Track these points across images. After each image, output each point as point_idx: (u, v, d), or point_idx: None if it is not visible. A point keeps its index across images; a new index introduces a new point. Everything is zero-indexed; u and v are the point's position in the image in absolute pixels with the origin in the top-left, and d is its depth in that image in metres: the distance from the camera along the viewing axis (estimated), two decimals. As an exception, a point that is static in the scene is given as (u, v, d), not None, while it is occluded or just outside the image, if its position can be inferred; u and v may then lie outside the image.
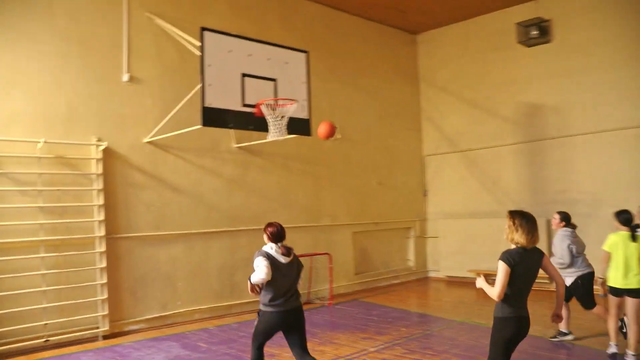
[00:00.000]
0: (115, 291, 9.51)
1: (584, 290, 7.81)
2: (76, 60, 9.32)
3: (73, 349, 8.76)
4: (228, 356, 8.33)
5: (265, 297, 5.75)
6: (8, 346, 8.37)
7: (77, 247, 9.09)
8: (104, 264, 9.27)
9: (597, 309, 7.84)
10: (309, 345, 6.35)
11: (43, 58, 8.98)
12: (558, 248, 7.86)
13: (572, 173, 12.85)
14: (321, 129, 9.25)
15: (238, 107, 8.91)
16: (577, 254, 7.82)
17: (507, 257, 4.71)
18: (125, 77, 9.82)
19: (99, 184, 9.30)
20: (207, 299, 10.72)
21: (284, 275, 5.77)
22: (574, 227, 8.04)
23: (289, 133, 9.12)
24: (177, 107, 9.57)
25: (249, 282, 5.59)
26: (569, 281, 7.82)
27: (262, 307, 5.85)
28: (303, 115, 9.76)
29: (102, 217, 9.26)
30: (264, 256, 5.67)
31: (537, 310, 10.82)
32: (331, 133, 9.06)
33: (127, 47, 9.88)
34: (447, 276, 14.98)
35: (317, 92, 11.38)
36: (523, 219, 4.77)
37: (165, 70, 10.36)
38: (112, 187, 9.54)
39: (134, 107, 9.95)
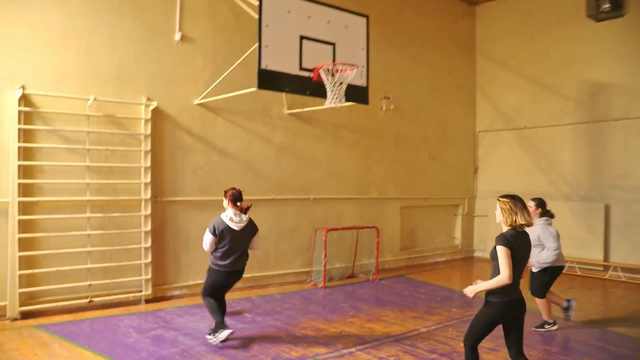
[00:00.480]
0: (159, 255, 9.17)
1: (546, 281, 7.59)
2: (129, 17, 8.87)
3: (116, 311, 8.48)
4: (274, 328, 7.94)
5: (215, 257, 6.89)
6: (54, 304, 8.13)
7: (122, 208, 8.76)
8: (148, 227, 8.92)
9: (542, 301, 7.67)
10: (357, 321, 7.55)
11: (96, 15, 8.54)
12: (547, 241, 7.42)
13: (635, 158, 11.96)
14: None
15: (295, 71, 8.35)
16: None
17: (504, 240, 4.75)
18: (177, 36, 9.34)
19: (146, 145, 8.90)
20: (250, 268, 10.25)
21: (235, 240, 6.89)
22: (551, 216, 7.66)
23: (347, 100, 8.54)
24: (230, 69, 9.06)
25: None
26: (535, 269, 7.58)
27: (211, 265, 6.96)
28: (361, 82, 9.16)
29: (148, 179, 8.89)
30: (212, 230, 6.82)
31: (592, 298, 10.25)
32: None
33: (180, 5, 9.37)
34: (494, 257, 14.34)
35: (372, 60, 10.71)
36: (518, 202, 4.91)
37: (218, 30, 9.84)
38: (160, 148, 9.13)
39: (185, 67, 9.47)
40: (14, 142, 7.80)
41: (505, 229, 4.94)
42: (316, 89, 8.53)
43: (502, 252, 4.70)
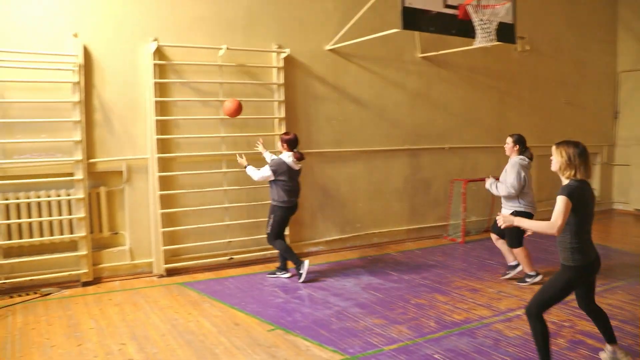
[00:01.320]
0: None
1: (517, 229, 6.54)
2: (256, -41, 8.09)
3: (256, 268, 8.00)
4: (425, 287, 7.18)
5: (279, 195, 7.10)
6: (195, 261, 7.72)
7: (257, 162, 8.15)
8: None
9: (519, 250, 6.97)
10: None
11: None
12: (509, 175, 6.81)
13: None
14: (228, 105, 7.14)
15: (439, 8, 7.36)
16: (527, 188, 6.86)
17: (569, 192, 4.13)
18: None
19: (280, 95, 8.21)
20: (385, 222, 9.57)
21: (294, 179, 7.16)
22: (531, 156, 7.01)
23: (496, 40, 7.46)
24: (362, 11, 8.11)
25: (248, 167, 7.20)
26: (505, 212, 6.86)
27: (276, 204, 7.14)
28: (507, 19, 8.01)
29: (282, 130, 8.21)
30: (274, 168, 7.04)
31: None
32: (235, 111, 7.12)
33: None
34: (636, 209, 12.79)
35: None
36: (578, 150, 4.23)
37: (345, -29, 8.88)
38: (293, 98, 8.42)
39: (316, 12, 8.63)
40: (151, 96, 7.31)
41: (565, 180, 4.30)
42: (462, 28, 7.53)
43: (561, 201, 4.10)
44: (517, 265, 7.27)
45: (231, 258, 7.99)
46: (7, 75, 6.61)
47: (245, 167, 7.23)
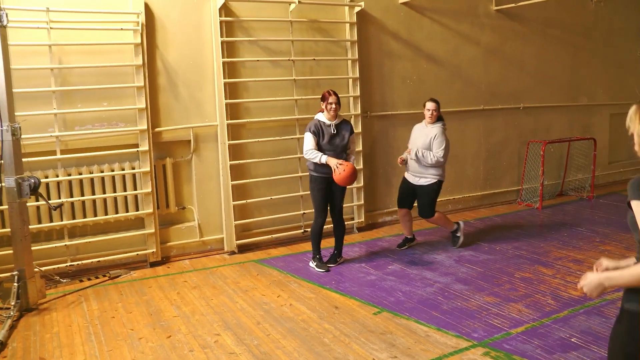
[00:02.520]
0: (369, 178, 7.68)
1: (434, 197, 6.38)
2: None
3: (331, 242, 7.11)
4: (523, 259, 6.34)
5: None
6: (267, 236, 6.92)
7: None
8: (360, 147, 7.39)
9: (437, 216, 6.51)
10: (615, 250, 6.41)
11: None
12: (439, 143, 6.20)
13: None
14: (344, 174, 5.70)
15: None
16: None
17: None
18: None
19: (353, 54, 7.26)
20: (459, 188, 8.65)
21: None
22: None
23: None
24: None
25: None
26: (424, 181, 6.33)
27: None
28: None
29: (357, 92, 7.30)
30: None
31: None
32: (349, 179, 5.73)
33: None
34: None
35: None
36: None
37: None
38: (367, 57, 7.47)
39: (386, -40, 7.60)
40: (218, 57, 6.40)
41: None
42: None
43: None
44: (457, 229, 6.76)
45: (305, 231, 7.16)
46: (64, 37, 5.75)
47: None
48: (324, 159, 5.67)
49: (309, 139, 5.73)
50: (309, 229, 6.98)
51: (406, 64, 7.79)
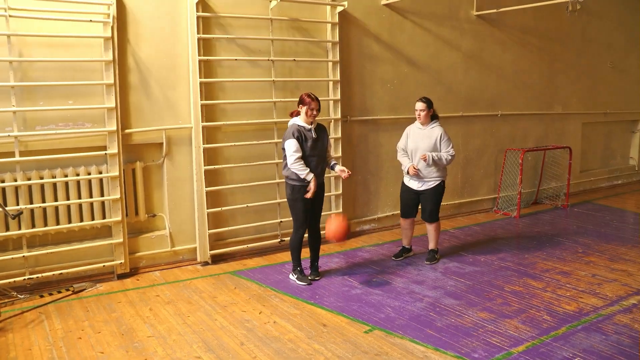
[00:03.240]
0: (348, 186, 7.33)
1: (440, 199, 6.12)
2: None
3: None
4: (510, 271, 6.13)
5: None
6: (241, 246, 6.53)
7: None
8: (339, 153, 7.04)
9: (438, 223, 6.28)
10: (598, 261, 6.40)
11: None
12: (446, 142, 5.95)
13: None
14: (333, 228, 5.46)
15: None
16: None
17: None
18: None
19: (334, 55, 6.90)
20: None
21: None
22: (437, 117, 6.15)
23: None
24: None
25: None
26: (429, 185, 6.04)
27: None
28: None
29: (337, 95, 6.95)
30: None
31: None
32: (340, 235, 5.45)
33: None
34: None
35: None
36: None
37: None
38: (347, 59, 7.14)
39: (368, -40, 7.29)
40: (194, 55, 5.96)
41: None
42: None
43: None
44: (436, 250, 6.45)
45: (282, 240, 6.76)
46: (25, 27, 5.21)
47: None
48: (310, 177, 5.28)
49: (294, 147, 5.28)
50: (286, 239, 6.63)
51: (387, 67, 7.49)
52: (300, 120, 5.39)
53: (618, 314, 4.90)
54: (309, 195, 5.28)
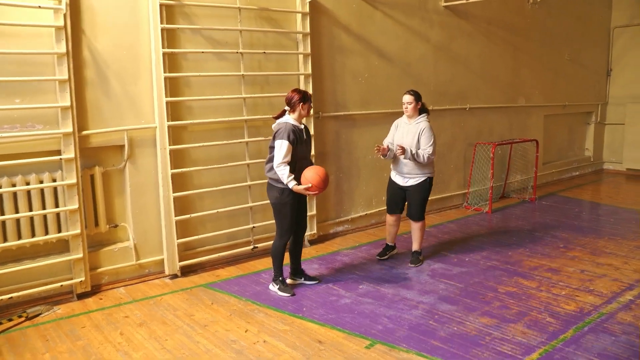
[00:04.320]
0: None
1: (426, 196, 5.81)
2: None
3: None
4: (499, 271, 5.89)
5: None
6: (211, 255, 5.96)
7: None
8: (312, 152, 6.56)
9: (424, 222, 5.95)
10: (582, 255, 6.28)
11: None
12: (427, 138, 5.62)
13: None
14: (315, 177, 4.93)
15: None
16: None
17: None
18: None
19: (305, 47, 6.43)
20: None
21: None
22: (428, 112, 5.87)
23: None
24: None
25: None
26: (415, 181, 5.74)
27: None
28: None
29: (309, 90, 6.49)
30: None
31: None
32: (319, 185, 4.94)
33: None
34: (629, 169, 11.90)
35: None
36: None
37: None
38: (318, 51, 6.69)
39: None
40: (158, 47, 5.36)
41: None
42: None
43: None
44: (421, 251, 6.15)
45: (255, 247, 6.25)
46: (-39, 15, 4.48)
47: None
48: (292, 184, 4.81)
49: (286, 150, 4.77)
50: (259, 245, 6.14)
51: (357, 60, 7.10)
52: (292, 120, 4.92)
53: (619, 312, 4.71)
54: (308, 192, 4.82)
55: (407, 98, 5.67)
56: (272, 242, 5.28)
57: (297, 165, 4.87)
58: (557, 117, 10.89)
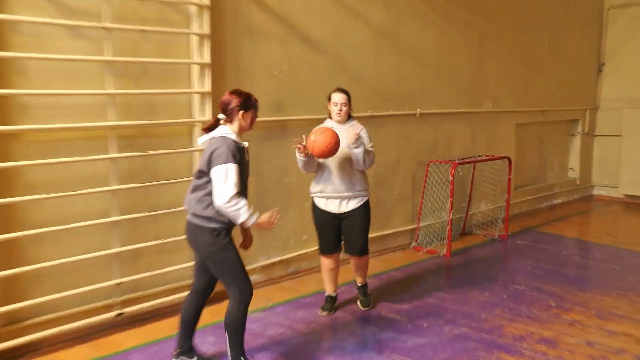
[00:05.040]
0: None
1: (369, 222, 6.17)
2: None
3: (163, 328, 5.98)
4: (472, 342, 5.86)
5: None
6: (57, 328, 5.50)
7: (164, 140, 6.24)
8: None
9: (368, 256, 6.33)
10: (584, 319, 6.28)
11: None
12: (368, 139, 6.00)
13: None
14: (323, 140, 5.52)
15: None
16: None
17: None
18: None
19: (202, 25, 6.21)
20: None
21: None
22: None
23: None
24: None
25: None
26: (355, 203, 5.99)
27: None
28: None
29: (207, 86, 6.32)
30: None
31: None
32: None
33: None
34: (628, 195, 12.30)
35: None
36: None
37: None
38: (220, 33, 6.49)
39: None
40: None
41: None
42: None
43: None
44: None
45: (120, 314, 5.89)
46: None
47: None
48: (253, 219, 4.57)
49: (234, 176, 4.45)
50: (125, 310, 5.77)
51: (273, 46, 7.02)
52: (232, 134, 4.66)
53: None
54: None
55: (341, 98, 5.85)
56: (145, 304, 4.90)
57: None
58: (533, 126, 11.19)
